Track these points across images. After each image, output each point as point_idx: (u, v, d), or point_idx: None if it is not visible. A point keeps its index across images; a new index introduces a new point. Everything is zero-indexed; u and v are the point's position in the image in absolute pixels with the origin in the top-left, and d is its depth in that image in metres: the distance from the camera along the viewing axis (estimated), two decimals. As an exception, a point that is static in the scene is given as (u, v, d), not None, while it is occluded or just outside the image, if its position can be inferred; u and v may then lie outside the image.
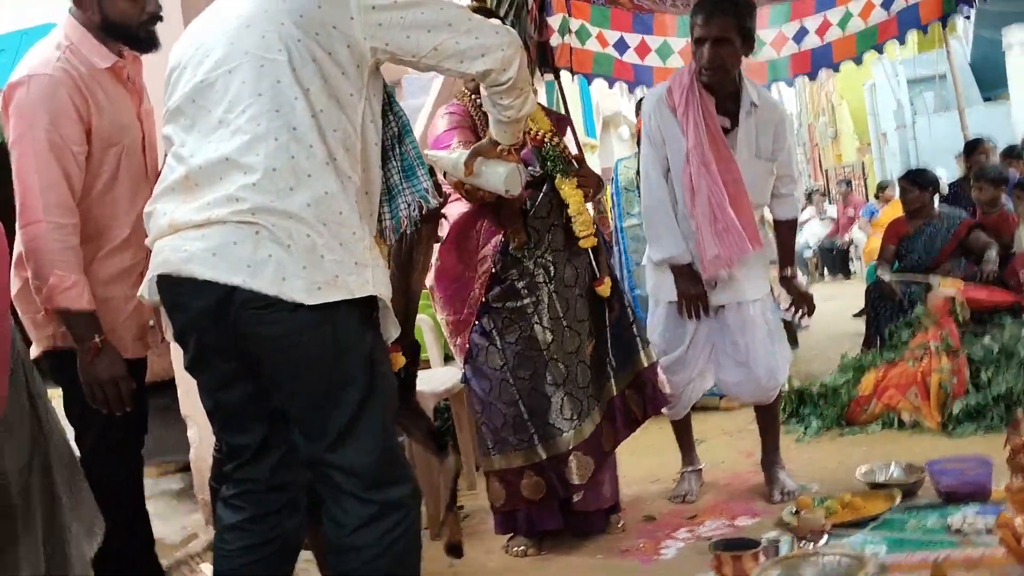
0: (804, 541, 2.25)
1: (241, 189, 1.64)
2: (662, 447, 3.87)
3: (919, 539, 2.32)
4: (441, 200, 2.03)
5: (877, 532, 2.42)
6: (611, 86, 6.20)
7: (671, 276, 2.96)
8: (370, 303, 1.76)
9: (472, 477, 3.53)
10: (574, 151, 2.85)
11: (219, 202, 1.65)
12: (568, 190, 2.61)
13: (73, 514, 1.97)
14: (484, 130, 2.57)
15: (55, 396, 2.09)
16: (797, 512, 2.48)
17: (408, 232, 2.00)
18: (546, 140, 2.59)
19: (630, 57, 5.84)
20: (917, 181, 5.10)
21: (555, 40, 5.66)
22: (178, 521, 3.23)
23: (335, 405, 1.71)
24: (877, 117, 15.01)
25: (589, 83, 6.50)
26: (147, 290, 1.78)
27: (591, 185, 2.72)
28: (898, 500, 2.57)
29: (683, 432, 3.26)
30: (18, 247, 2.10)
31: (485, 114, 2.48)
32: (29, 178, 2.02)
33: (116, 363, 2.09)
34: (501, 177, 2.17)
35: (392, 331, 1.85)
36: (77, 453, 2.12)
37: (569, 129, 6.31)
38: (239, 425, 1.81)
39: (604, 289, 2.70)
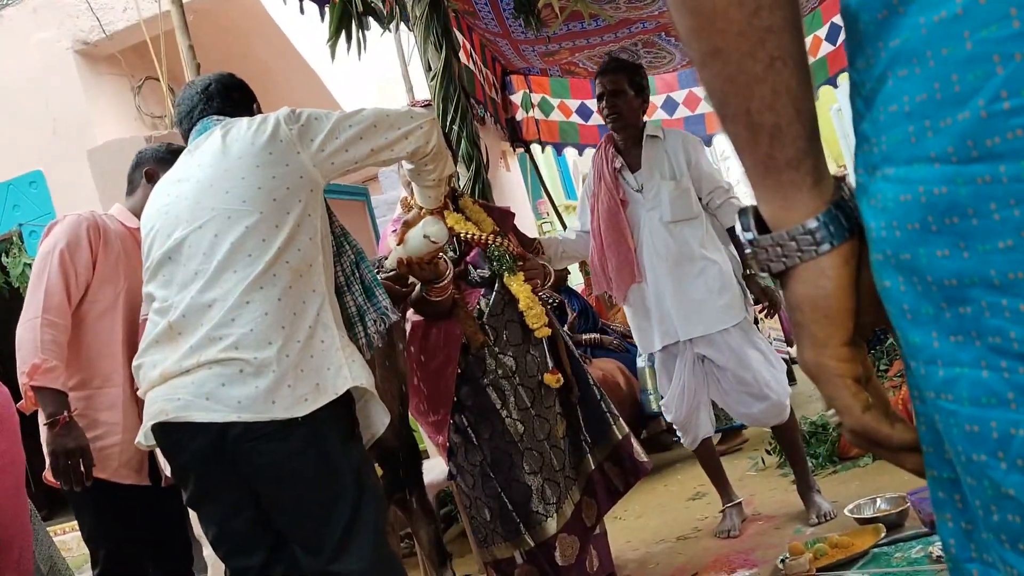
0: (792, 589, 2.35)
1: (221, 328, 1.80)
2: (666, 507, 3.97)
3: (903, 571, 2.41)
4: (399, 315, 2.18)
5: (864, 569, 2.50)
6: (580, 153, 6.43)
7: (646, 328, 3.30)
8: (351, 409, 1.91)
9: (481, 561, 3.61)
10: (557, 221, 3.00)
11: (202, 344, 1.81)
12: (516, 287, 2.73)
13: None
14: None
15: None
16: (785, 559, 2.57)
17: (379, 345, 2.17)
18: (490, 242, 2.73)
19: (595, 120, 6.08)
20: None
21: (520, 115, 5.91)
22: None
23: (329, 519, 1.84)
24: (848, 139, 15.22)
25: (559, 152, 6.73)
26: (143, 437, 1.93)
27: (538, 277, 2.84)
28: (883, 534, 2.67)
29: (712, 470, 3.46)
30: None
31: None
32: (39, 285, 2.36)
33: (80, 437, 2.30)
34: (419, 232, 2.35)
35: (383, 417, 2.01)
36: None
37: (546, 198, 6.47)
38: (244, 549, 1.94)
39: (552, 381, 2.76)
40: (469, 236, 2.72)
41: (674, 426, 3.47)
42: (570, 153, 7.82)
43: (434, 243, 2.37)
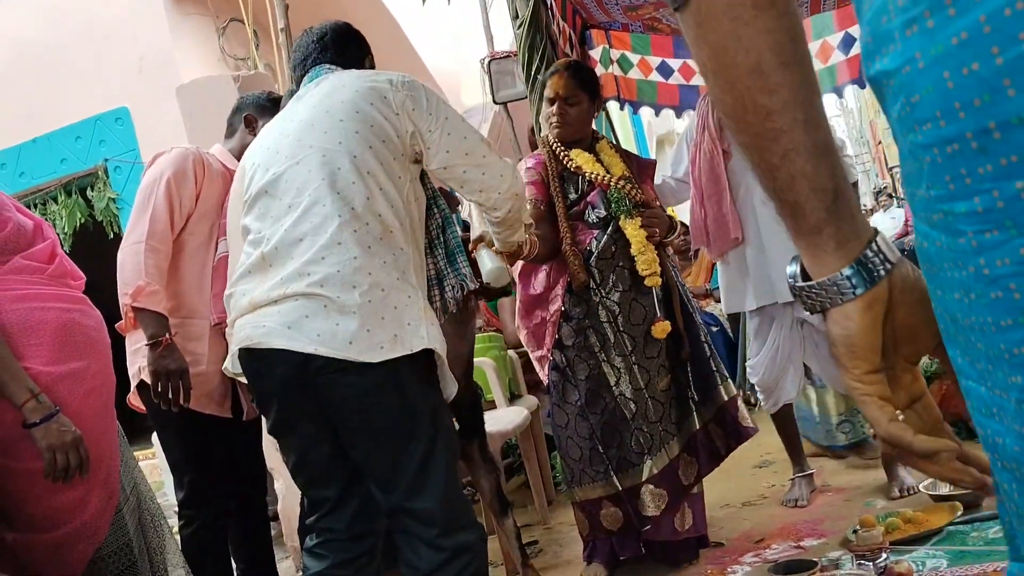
0: (863, 560, 2.30)
1: (310, 264, 1.83)
2: (733, 472, 3.93)
3: (980, 551, 2.35)
4: (477, 283, 2.16)
5: (939, 546, 2.45)
6: (657, 113, 6.30)
7: (739, 288, 3.21)
8: (429, 360, 1.93)
9: (544, 512, 3.64)
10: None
11: (292, 277, 1.84)
12: (631, 231, 2.70)
13: (171, 559, 2.21)
14: (554, 181, 2.74)
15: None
16: (856, 531, 2.53)
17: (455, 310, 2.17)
18: (612, 183, 2.71)
19: (675, 79, 5.94)
20: None
21: (599, 71, 5.80)
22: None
23: (404, 456, 1.87)
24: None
25: (635, 111, 6.61)
26: (230, 363, 1.98)
27: (659, 226, 2.77)
28: (960, 512, 2.60)
29: (788, 437, 3.38)
30: None
31: (556, 164, 2.73)
32: (144, 210, 2.41)
33: (181, 359, 2.36)
34: (486, 269, 2.21)
35: (450, 387, 2.01)
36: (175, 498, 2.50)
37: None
38: (321, 480, 1.98)
39: (658, 331, 2.73)
40: (593, 176, 2.71)
41: (757, 388, 3.39)
42: (645, 113, 7.69)
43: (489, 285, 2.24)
